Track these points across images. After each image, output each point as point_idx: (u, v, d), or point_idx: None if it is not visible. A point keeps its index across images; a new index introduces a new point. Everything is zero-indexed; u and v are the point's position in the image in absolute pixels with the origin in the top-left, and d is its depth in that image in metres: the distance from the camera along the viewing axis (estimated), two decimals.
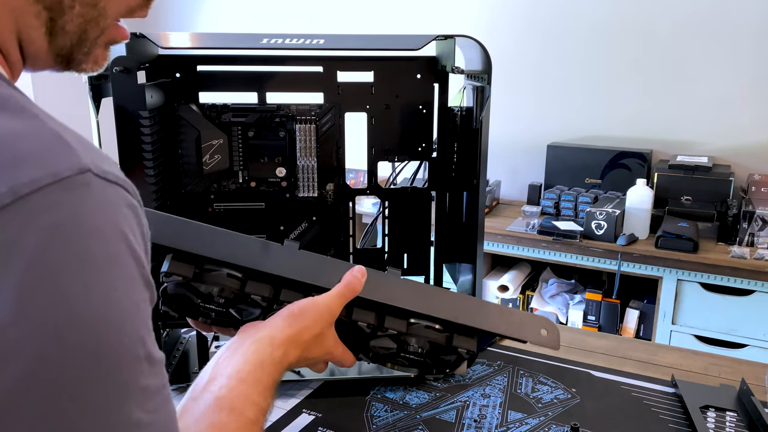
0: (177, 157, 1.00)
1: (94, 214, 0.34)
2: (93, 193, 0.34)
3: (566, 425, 0.85)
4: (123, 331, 0.35)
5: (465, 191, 1.04)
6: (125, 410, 0.35)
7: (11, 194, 0.31)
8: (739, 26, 2.30)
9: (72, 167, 0.33)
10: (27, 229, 0.31)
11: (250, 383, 0.56)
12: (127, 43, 0.89)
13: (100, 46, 0.49)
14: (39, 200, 0.31)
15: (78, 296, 0.33)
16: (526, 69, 2.65)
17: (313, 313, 0.63)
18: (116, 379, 0.34)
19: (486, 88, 0.92)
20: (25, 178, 0.31)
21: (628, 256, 2.08)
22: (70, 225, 0.33)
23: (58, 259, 0.32)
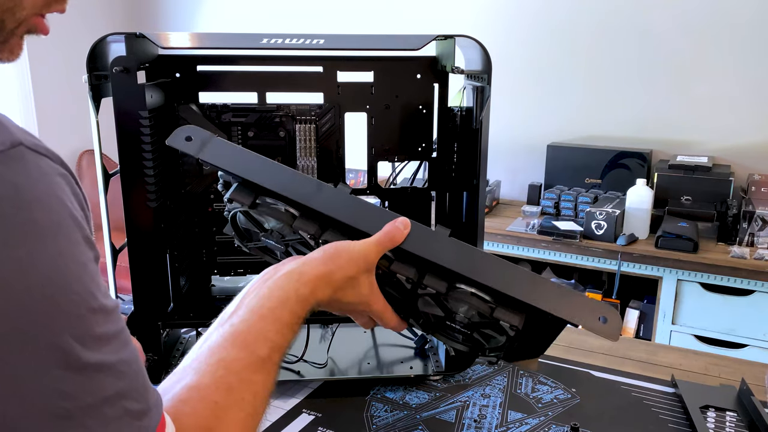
0: (177, 157, 1.00)
1: (32, 184, 0.35)
2: (28, 165, 0.36)
3: (566, 425, 0.85)
4: (72, 290, 0.37)
5: (465, 191, 1.04)
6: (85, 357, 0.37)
7: None
8: (739, 26, 2.30)
9: (5, 141, 0.35)
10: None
11: (270, 320, 0.56)
12: (127, 43, 0.89)
13: (17, 36, 0.48)
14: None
15: (26, 264, 0.34)
16: (526, 69, 2.65)
17: (348, 255, 0.62)
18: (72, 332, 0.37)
19: (486, 88, 0.92)
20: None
21: (628, 256, 2.08)
22: (11, 196, 0.34)
23: (3, 230, 0.34)
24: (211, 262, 1.06)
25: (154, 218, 0.92)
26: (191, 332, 1.08)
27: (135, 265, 0.93)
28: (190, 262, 1.06)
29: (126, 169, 0.90)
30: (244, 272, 1.08)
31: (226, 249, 1.06)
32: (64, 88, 3.04)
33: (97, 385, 0.38)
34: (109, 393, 0.39)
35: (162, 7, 3.42)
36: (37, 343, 0.35)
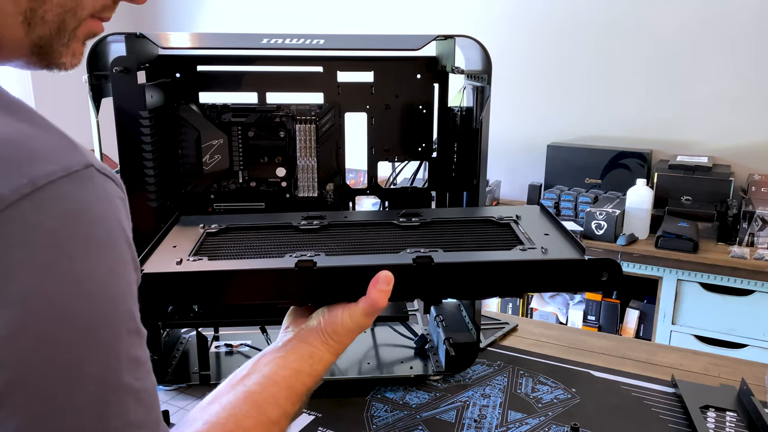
0: (177, 157, 1.00)
1: (97, 203, 0.38)
2: (95, 186, 0.39)
3: (566, 425, 0.85)
4: (119, 307, 0.40)
5: (465, 191, 1.04)
6: (119, 376, 0.39)
7: (31, 185, 0.35)
8: (739, 26, 2.30)
9: (80, 162, 0.38)
10: (44, 215, 0.35)
11: (283, 387, 0.60)
12: (127, 43, 0.89)
13: (79, 39, 0.49)
14: (53, 190, 0.36)
15: (84, 274, 0.37)
16: (527, 69, 2.65)
17: (346, 332, 0.66)
18: (113, 348, 0.39)
19: (486, 88, 0.92)
20: (41, 171, 0.36)
21: (628, 256, 2.08)
22: (79, 212, 0.37)
23: (69, 242, 0.37)
24: None
25: (154, 218, 0.92)
26: (191, 332, 1.08)
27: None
28: None
29: (126, 169, 0.90)
30: None
31: None
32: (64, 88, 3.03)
33: (124, 408, 0.39)
34: (131, 418, 0.40)
35: (162, 7, 3.42)
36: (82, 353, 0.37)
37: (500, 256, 0.70)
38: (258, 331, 1.05)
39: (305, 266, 0.65)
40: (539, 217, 0.85)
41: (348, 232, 0.83)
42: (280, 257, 0.70)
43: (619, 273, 0.65)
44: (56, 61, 0.48)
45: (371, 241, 0.80)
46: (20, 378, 0.35)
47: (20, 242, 0.35)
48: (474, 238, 0.80)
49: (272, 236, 0.82)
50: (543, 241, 0.75)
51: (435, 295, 0.74)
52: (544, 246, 0.72)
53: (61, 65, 0.49)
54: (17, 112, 0.39)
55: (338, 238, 0.80)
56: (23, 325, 0.35)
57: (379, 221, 0.87)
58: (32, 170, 0.35)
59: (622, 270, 0.66)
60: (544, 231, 0.79)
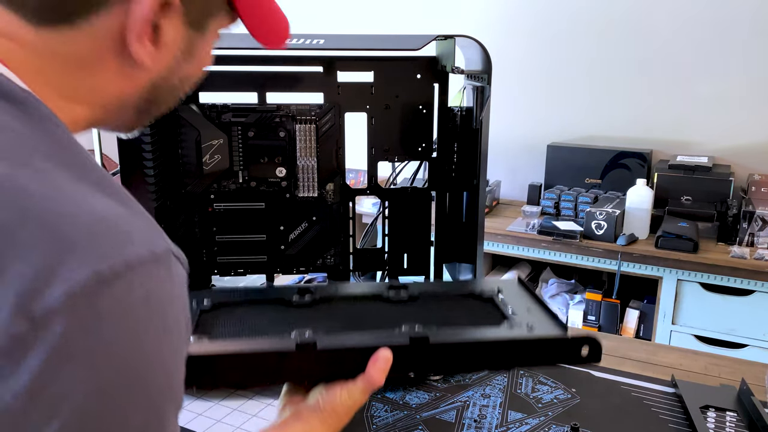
0: (177, 157, 1.00)
1: (171, 286, 0.42)
2: (172, 270, 0.43)
3: (566, 425, 0.85)
4: (176, 381, 0.43)
5: (465, 191, 1.05)
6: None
7: (124, 265, 0.38)
8: (739, 27, 2.30)
9: (163, 248, 0.42)
10: (132, 295, 0.39)
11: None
12: None
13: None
14: (142, 272, 0.39)
15: (156, 350, 0.41)
16: (526, 69, 2.65)
17: (345, 410, 0.67)
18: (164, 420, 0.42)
19: (486, 88, 0.93)
20: (133, 254, 0.39)
21: (628, 256, 2.08)
22: (159, 294, 0.41)
23: (149, 320, 0.40)
24: (211, 262, 1.06)
25: (154, 218, 0.92)
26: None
27: None
28: (190, 262, 1.05)
29: (126, 169, 0.90)
30: (244, 272, 1.08)
31: (226, 249, 1.06)
32: None
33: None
34: None
35: None
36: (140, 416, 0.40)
37: (491, 334, 0.74)
38: None
39: (306, 347, 0.66)
40: (518, 291, 0.88)
41: (340, 307, 0.85)
42: (279, 337, 0.70)
43: (598, 348, 0.71)
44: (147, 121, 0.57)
45: (364, 317, 0.81)
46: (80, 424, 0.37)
47: (109, 317, 0.38)
48: (462, 313, 0.83)
49: (266, 313, 0.82)
50: (527, 317, 0.78)
51: (430, 370, 0.77)
52: (529, 322, 0.76)
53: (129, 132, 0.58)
54: (107, 188, 0.42)
55: (331, 314, 0.82)
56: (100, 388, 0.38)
57: (369, 294, 0.88)
58: (126, 251, 0.39)
59: (601, 346, 0.71)
60: (526, 306, 0.82)
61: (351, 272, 1.11)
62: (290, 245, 1.07)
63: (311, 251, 1.08)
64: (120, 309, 0.38)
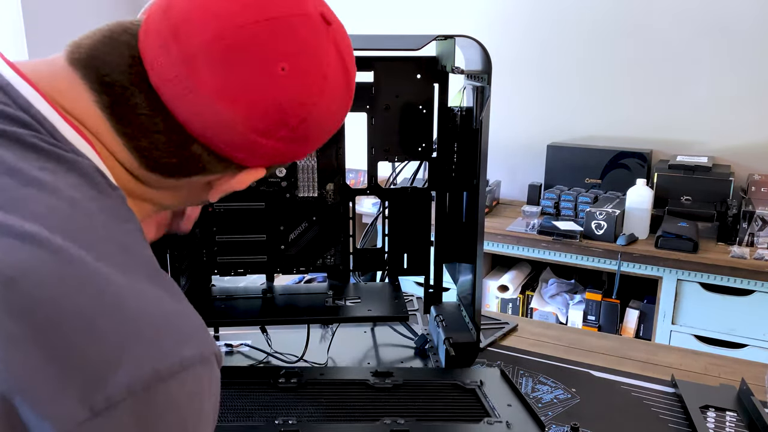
0: None
1: (211, 385, 0.46)
2: (213, 370, 0.46)
3: (566, 425, 0.85)
4: None
5: (465, 191, 1.04)
6: None
7: (179, 366, 0.42)
8: (738, 26, 2.30)
9: (210, 349, 0.46)
10: (182, 392, 0.43)
11: None
12: None
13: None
14: (192, 372, 0.43)
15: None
16: (526, 69, 2.65)
17: None
18: None
19: (486, 88, 0.92)
20: (188, 353, 0.43)
21: (628, 256, 2.08)
22: (201, 391, 0.44)
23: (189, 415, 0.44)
24: (211, 262, 1.06)
25: None
26: None
27: None
28: (190, 262, 1.06)
29: None
30: (244, 272, 1.08)
31: (226, 249, 1.06)
32: None
33: None
34: None
35: None
36: None
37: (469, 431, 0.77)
38: (258, 331, 1.05)
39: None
40: (500, 383, 0.91)
41: (324, 392, 0.87)
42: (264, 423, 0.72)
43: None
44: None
45: (347, 405, 0.83)
46: None
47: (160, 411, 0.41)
48: (443, 405, 0.86)
49: (251, 395, 0.83)
50: (506, 414, 0.81)
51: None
52: (509, 420, 0.79)
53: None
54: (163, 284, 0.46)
55: (315, 400, 0.84)
56: None
57: (354, 380, 0.90)
58: (183, 352, 0.43)
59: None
60: (507, 401, 0.85)
61: (351, 272, 1.11)
62: (290, 245, 1.07)
63: (311, 251, 1.08)
64: (170, 404, 0.42)
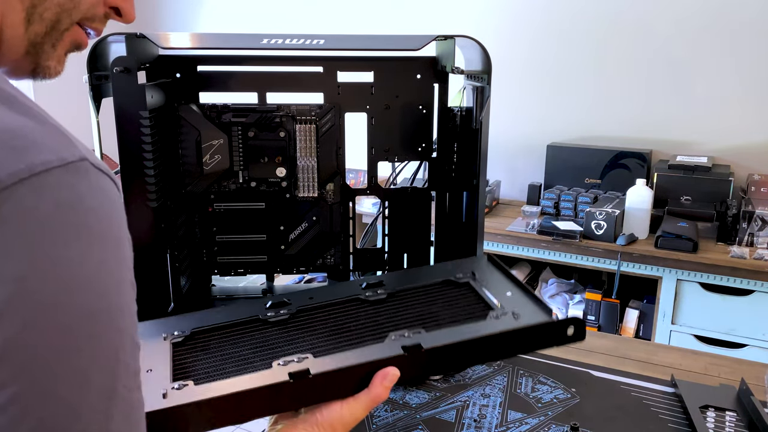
0: (177, 157, 1.00)
1: (91, 195, 0.39)
2: (90, 179, 0.39)
3: (566, 425, 0.85)
4: (110, 300, 0.39)
5: (465, 191, 1.04)
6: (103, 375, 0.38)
7: (27, 171, 0.36)
8: (738, 26, 2.30)
9: (75, 155, 0.39)
10: (40, 200, 0.36)
11: None
12: (127, 44, 0.89)
13: (65, 45, 0.52)
14: (49, 178, 0.37)
15: (76, 261, 0.37)
16: (526, 69, 2.65)
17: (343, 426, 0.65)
18: (98, 343, 0.38)
19: (486, 88, 0.92)
20: (38, 159, 0.37)
21: (627, 256, 2.08)
22: (73, 201, 0.38)
23: (63, 228, 0.37)
24: (211, 262, 1.06)
25: (154, 218, 0.92)
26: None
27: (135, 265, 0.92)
28: (190, 262, 1.06)
29: (126, 169, 0.90)
30: (244, 272, 1.08)
31: (226, 249, 1.06)
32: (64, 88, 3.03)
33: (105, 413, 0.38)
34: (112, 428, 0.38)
35: (162, 7, 3.42)
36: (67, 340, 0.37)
37: (481, 329, 0.73)
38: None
39: (300, 375, 0.63)
40: (492, 271, 0.88)
41: (318, 317, 0.80)
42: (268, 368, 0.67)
43: (582, 327, 0.72)
44: (43, 62, 0.50)
45: (347, 326, 0.77)
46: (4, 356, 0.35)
47: (15, 224, 0.35)
48: (443, 305, 0.81)
49: (243, 337, 0.77)
50: (508, 303, 0.78)
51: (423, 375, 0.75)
52: (514, 311, 0.75)
53: (45, 69, 0.51)
54: (15, 104, 0.40)
55: (312, 328, 0.78)
56: (13, 305, 0.35)
57: (345, 298, 0.84)
58: (29, 158, 0.36)
59: (585, 325, 0.72)
60: (504, 289, 0.82)
61: (351, 272, 1.11)
62: (290, 245, 1.07)
63: (311, 251, 1.08)
64: (24, 216, 0.36)
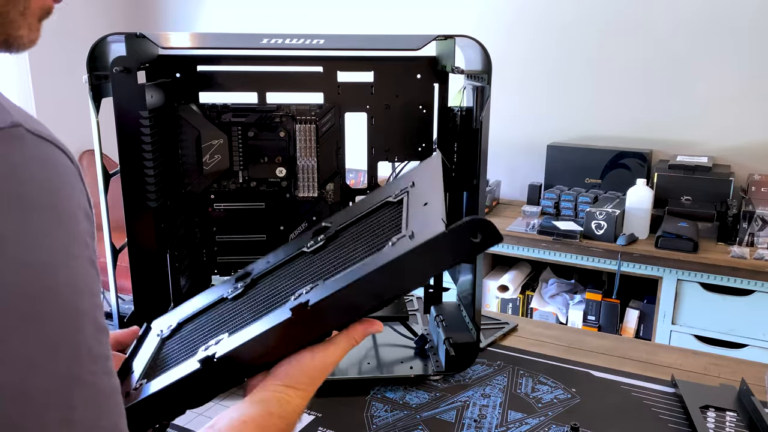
0: (177, 157, 1.00)
1: (27, 164, 0.35)
2: (26, 146, 0.35)
3: (566, 425, 0.85)
4: (56, 278, 0.35)
5: (465, 191, 1.04)
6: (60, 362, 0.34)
7: None
8: (739, 27, 2.30)
9: (4, 120, 0.34)
10: None
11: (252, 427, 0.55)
12: (127, 44, 0.89)
13: (34, 13, 0.47)
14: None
15: (7, 234, 0.33)
16: (526, 69, 2.65)
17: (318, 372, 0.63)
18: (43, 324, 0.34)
19: (486, 88, 0.92)
20: None
21: (628, 256, 2.08)
22: (4, 171, 0.33)
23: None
24: (211, 262, 1.06)
25: (154, 218, 0.92)
26: None
27: (135, 265, 0.93)
28: (190, 262, 1.06)
29: (126, 169, 0.90)
30: None
31: (226, 249, 1.06)
32: (64, 88, 3.03)
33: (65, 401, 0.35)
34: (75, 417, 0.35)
35: (162, 7, 3.42)
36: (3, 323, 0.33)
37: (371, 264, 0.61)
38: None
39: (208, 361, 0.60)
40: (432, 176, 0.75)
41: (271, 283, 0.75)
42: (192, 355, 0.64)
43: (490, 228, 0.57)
44: (14, 32, 0.46)
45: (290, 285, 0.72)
46: None
47: None
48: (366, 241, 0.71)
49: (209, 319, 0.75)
50: (418, 219, 0.65)
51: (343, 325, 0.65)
52: (414, 229, 0.63)
53: (18, 39, 0.46)
54: None
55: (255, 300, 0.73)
56: None
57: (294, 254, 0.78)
58: None
59: (492, 223, 0.57)
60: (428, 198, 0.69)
61: None
62: None
63: None
64: None
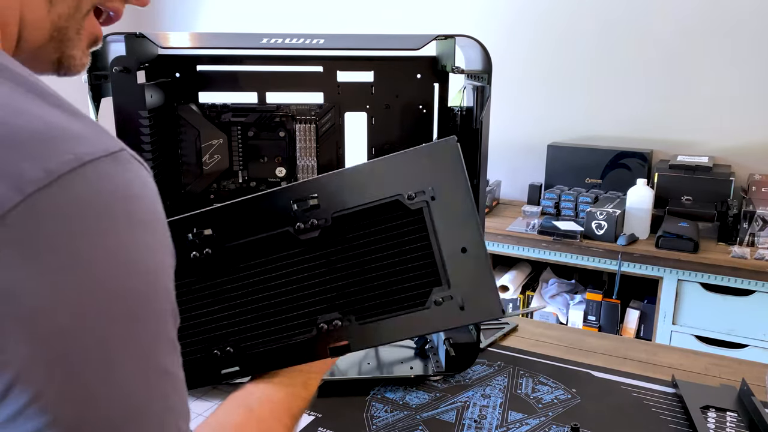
0: (177, 157, 1.00)
1: (136, 182, 0.40)
2: (133, 167, 0.40)
3: (566, 425, 0.85)
4: (160, 283, 0.40)
5: None
6: (158, 355, 0.39)
7: (77, 161, 0.36)
8: (739, 27, 2.30)
9: (117, 145, 0.40)
10: (91, 189, 0.37)
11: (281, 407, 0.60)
12: (127, 43, 0.89)
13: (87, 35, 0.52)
14: (98, 167, 0.37)
15: (129, 247, 0.38)
16: (527, 69, 2.65)
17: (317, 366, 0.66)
18: (153, 326, 0.39)
19: (486, 87, 0.92)
20: (84, 150, 0.37)
21: (628, 256, 2.08)
22: (122, 189, 0.39)
23: (114, 216, 0.38)
24: None
25: None
26: None
27: None
28: None
29: None
30: None
31: None
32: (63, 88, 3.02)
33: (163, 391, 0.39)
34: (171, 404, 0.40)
35: (162, 7, 3.42)
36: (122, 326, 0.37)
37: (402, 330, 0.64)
38: None
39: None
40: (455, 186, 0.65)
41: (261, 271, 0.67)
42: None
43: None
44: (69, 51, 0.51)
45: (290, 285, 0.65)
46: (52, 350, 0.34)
47: (70, 213, 0.35)
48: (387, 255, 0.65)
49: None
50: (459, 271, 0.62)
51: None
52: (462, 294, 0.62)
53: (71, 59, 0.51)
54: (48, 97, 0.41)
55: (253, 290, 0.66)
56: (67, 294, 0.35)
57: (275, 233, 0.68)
58: (76, 149, 0.37)
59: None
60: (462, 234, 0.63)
61: None
62: None
63: None
64: (80, 204, 0.36)
